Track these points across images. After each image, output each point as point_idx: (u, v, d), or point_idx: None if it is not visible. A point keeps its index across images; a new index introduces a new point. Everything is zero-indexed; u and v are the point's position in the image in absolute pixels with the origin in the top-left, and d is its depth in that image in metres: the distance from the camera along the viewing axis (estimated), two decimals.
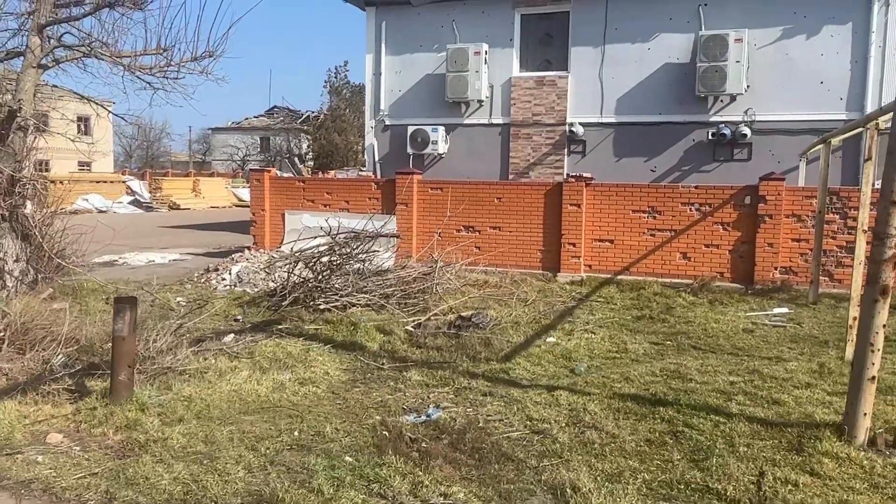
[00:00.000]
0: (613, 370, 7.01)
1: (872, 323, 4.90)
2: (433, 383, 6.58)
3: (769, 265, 12.04)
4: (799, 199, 11.99)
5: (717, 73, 14.86)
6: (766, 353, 7.84)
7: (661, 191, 12.90)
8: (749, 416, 5.51)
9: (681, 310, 10.35)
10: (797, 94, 14.87)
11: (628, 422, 5.47)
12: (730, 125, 15.25)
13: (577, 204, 13.10)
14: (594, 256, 13.20)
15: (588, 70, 16.50)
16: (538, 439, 5.14)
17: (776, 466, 4.57)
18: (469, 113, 17.54)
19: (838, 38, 14.57)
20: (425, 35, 17.75)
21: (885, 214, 4.81)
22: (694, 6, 15.50)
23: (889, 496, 4.23)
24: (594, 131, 16.57)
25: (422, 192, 14.30)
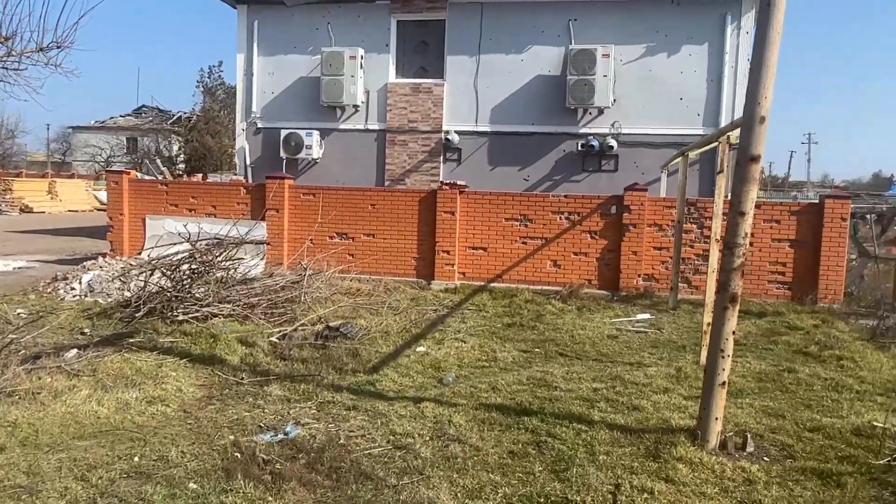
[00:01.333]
0: (482, 379, 6.94)
1: (723, 329, 5.05)
2: (295, 398, 6.27)
3: (633, 272, 12.48)
4: (660, 210, 12.51)
5: (585, 86, 15.33)
6: (629, 359, 8.04)
7: (533, 199, 13.11)
8: (610, 424, 5.56)
9: (550, 317, 10.50)
10: (659, 108, 15.58)
11: (493, 433, 5.39)
12: (598, 137, 15.78)
13: (452, 211, 13.09)
14: (468, 264, 13.22)
15: (463, 79, 16.61)
16: (400, 455, 4.96)
17: (633, 474, 4.61)
18: (345, 118, 17.23)
19: (696, 57, 15.40)
20: (299, 37, 17.30)
21: (734, 225, 4.98)
22: (564, 21, 15.94)
23: (737, 499, 4.34)
24: (469, 139, 16.69)
25: (294, 198, 13.85)
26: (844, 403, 6.32)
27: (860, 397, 6.55)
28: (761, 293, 12.03)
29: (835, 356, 8.13)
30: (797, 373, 7.27)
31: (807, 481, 4.60)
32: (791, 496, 4.38)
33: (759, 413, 5.97)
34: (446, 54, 16.73)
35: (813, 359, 8.17)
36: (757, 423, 5.72)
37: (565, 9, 15.93)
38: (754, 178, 4.95)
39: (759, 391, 6.71)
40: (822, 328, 9.75)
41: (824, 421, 5.73)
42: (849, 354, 8.14)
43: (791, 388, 6.81)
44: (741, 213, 4.94)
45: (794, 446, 5.21)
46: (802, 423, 5.70)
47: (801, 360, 8.06)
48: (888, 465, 4.76)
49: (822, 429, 5.55)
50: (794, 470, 4.78)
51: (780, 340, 9.07)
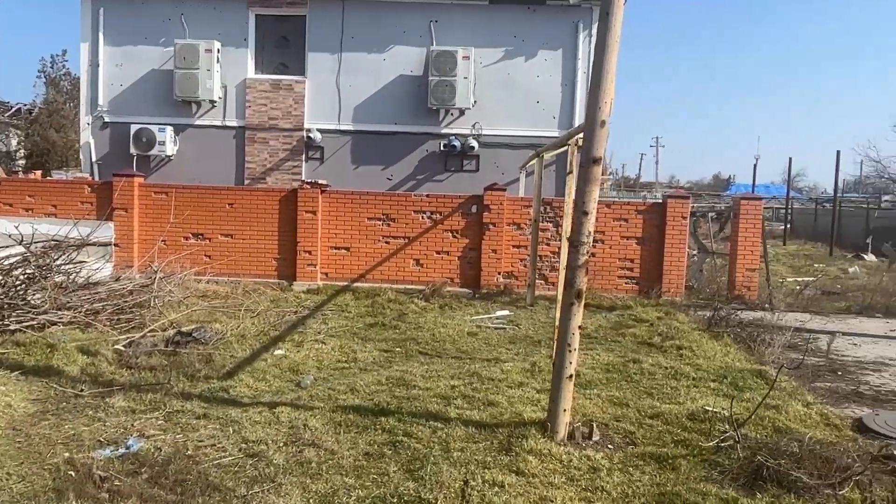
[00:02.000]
0: (341, 381, 6.86)
1: (569, 325, 5.25)
2: (141, 409, 5.93)
3: (493, 270, 12.79)
4: (518, 209, 12.90)
5: (447, 87, 15.53)
6: (487, 356, 8.22)
7: (396, 199, 13.14)
8: (466, 420, 5.65)
9: (413, 316, 10.56)
10: (518, 111, 16.05)
11: (349, 435, 5.34)
12: (460, 137, 16.04)
13: (313, 211, 12.88)
14: (331, 264, 13.06)
15: (325, 76, 16.38)
16: (252, 463, 4.80)
17: (486, 469, 4.70)
18: (201, 113, 16.53)
19: (551, 62, 15.99)
20: (150, 27, 16.40)
21: (578, 224, 5.20)
22: (426, 21, 16.08)
23: (582, 487, 4.53)
24: (332, 138, 16.48)
25: (144, 197, 13.13)
26: (682, 390, 6.76)
27: (696, 384, 7.03)
28: (612, 288, 12.68)
29: (675, 346, 8.69)
30: (641, 363, 7.70)
31: (646, 466, 4.88)
32: (631, 481, 4.62)
33: (605, 403, 6.27)
34: (307, 51, 16.42)
35: (656, 349, 8.69)
36: (603, 412, 6.00)
37: (426, 10, 16.07)
38: (596, 179, 5.18)
39: (607, 382, 7.05)
40: (665, 320, 10.39)
41: (663, 407, 6.11)
42: (687, 344, 8.72)
43: (635, 378, 7.20)
44: (585, 213, 5.16)
45: (636, 433, 5.51)
46: (644, 411, 6.04)
47: (645, 351, 8.55)
48: (717, 447, 5.13)
49: (662, 415, 5.91)
50: (635, 456, 5.05)
51: (627, 333, 9.59)
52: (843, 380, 7.72)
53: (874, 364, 8.54)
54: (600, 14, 5.05)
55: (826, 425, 5.91)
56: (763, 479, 4.55)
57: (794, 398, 6.51)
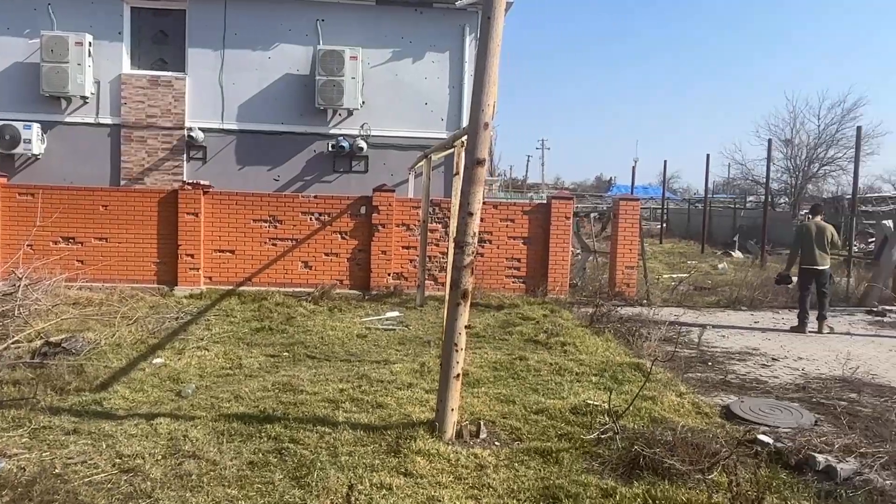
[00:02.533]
0: (224, 389, 6.64)
1: (455, 324, 5.31)
2: (2, 427, 5.51)
3: (383, 271, 12.76)
4: (407, 210, 12.92)
5: (334, 87, 15.36)
6: (377, 357, 8.19)
7: (282, 200, 12.87)
8: (354, 423, 5.60)
9: (301, 319, 10.37)
10: (406, 112, 16.08)
11: (233, 445, 5.17)
12: (348, 138, 15.90)
13: (195, 213, 12.41)
14: (215, 268, 12.63)
15: (207, 74, 15.82)
16: (127, 479, 4.56)
17: (374, 472, 4.67)
18: (71, 110, 15.58)
19: (438, 64, 16.13)
20: (14, 16, 15.31)
21: (463, 224, 5.26)
22: (312, 20, 15.84)
23: (469, 485, 4.58)
24: (216, 137, 15.94)
25: (7, 198, 12.25)
26: (566, 385, 6.97)
27: (579, 379, 7.27)
28: (500, 287, 12.93)
29: (560, 342, 8.96)
30: (528, 360, 7.89)
31: (531, 461, 5.00)
32: (516, 476, 4.72)
33: (493, 400, 6.38)
34: (188, 46, 15.81)
35: (542, 346, 8.92)
36: (490, 410, 6.10)
37: (313, 8, 15.83)
38: (481, 181, 5.26)
39: (495, 380, 7.18)
40: (550, 318, 10.70)
41: (548, 403, 6.28)
42: (571, 340, 9.02)
43: (522, 375, 7.37)
44: (470, 214, 5.23)
45: (522, 429, 5.64)
46: (530, 407, 6.19)
47: (531, 348, 8.77)
48: (598, 439, 5.32)
49: (546, 410, 6.07)
50: (521, 451, 5.16)
51: (514, 331, 9.80)
52: (712, 370, 8.21)
53: (740, 354, 9.13)
54: (482, 19, 5.13)
55: (697, 413, 6.26)
56: (640, 467, 4.76)
57: (668, 389, 6.85)
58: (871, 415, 6.47)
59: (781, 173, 36.10)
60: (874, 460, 4.99)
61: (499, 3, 5.08)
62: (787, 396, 7.08)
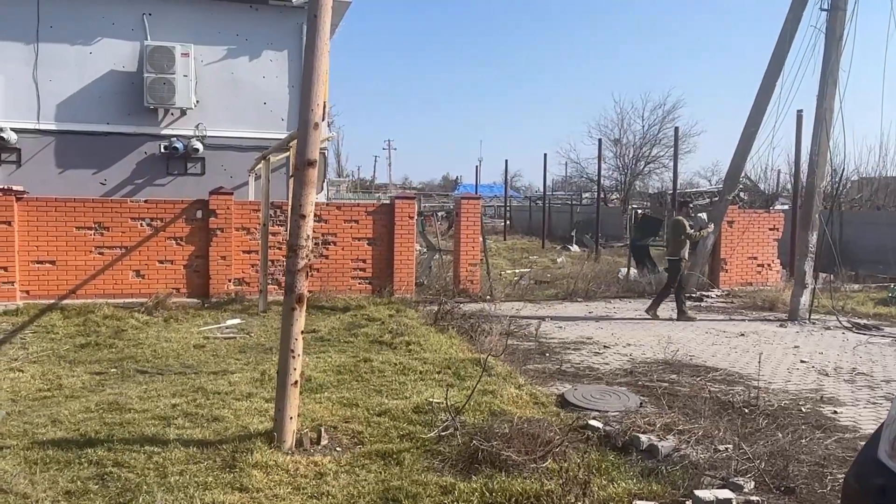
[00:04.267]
0: (41, 412, 6.09)
1: (291, 330, 5.16)
2: None
3: (223, 277, 12.26)
4: (247, 213, 12.50)
5: (165, 85, 14.56)
6: (214, 368, 7.84)
7: (109, 205, 12.04)
8: (186, 440, 5.30)
9: (132, 331, 9.75)
10: (244, 112, 15.53)
11: (48, 474, 4.73)
12: (182, 139, 15.13)
13: (8, 221, 11.33)
14: (33, 281, 11.60)
15: (19, 69, 14.48)
16: None
17: (207, 490, 4.44)
18: None
19: (277, 62, 15.72)
20: None
21: (296, 227, 5.13)
22: (138, 14, 14.92)
23: (308, 495, 4.46)
24: (31, 139, 14.62)
25: None
26: (409, 384, 6.99)
27: (423, 377, 7.32)
28: (346, 289, 12.81)
29: (405, 342, 9.00)
30: (372, 361, 7.84)
31: (372, 464, 4.95)
32: (357, 481, 4.66)
33: (335, 405, 6.28)
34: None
35: (387, 346, 8.92)
36: (333, 415, 5.99)
37: (138, 2, 14.91)
38: (312, 182, 5.15)
39: (338, 384, 7.07)
40: (396, 317, 10.73)
41: (391, 404, 6.26)
42: (416, 339, 9.08)
43: (366, 377, 7.31)
44: (302, 216, 5.10)
45: (364, 432, 5.58)
46: (373, 409, 6.14)
47: (376, 349, 8.74)
48: (439, 437, 5.37)
49: (389, 411, 6.05)
50: (362, 455, 5.10)
51: (360, 332, 9.73)
52: (549, 360, 8.56)
53: (575, 343, 9.59)
54: (308, 17, 5.03)
55: (535, 404, 6.48)
56: (479, 461, 4.85)
57: (508, 382, 7.06)
58: (689, 393, 7.00)
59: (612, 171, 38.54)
60: (690, 436, 5.39)
61: (325, 2, 4.99)
62: (616, 381, 7.51)
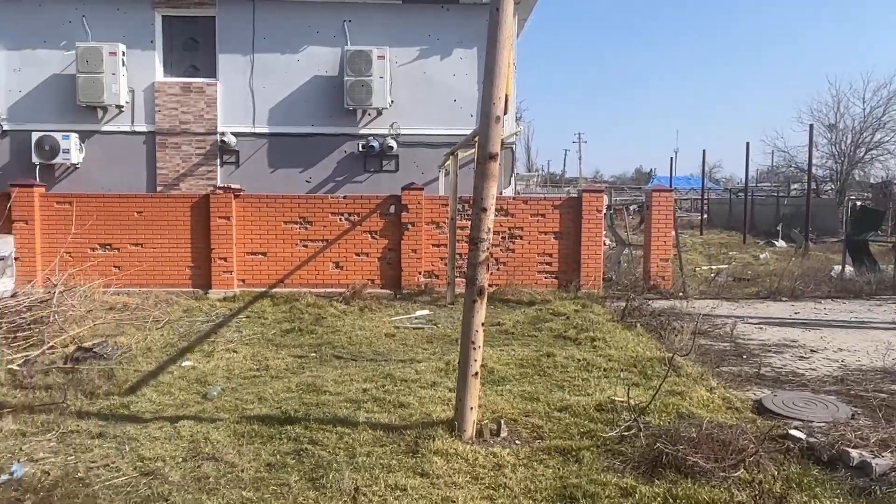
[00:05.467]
0: (249, 390, 6.68)
1: (473, 322, 5.23)
2: (32, 431, 5.62)
3: (414, 270, 12.73)
4: (437, 208, 12.88)
5: (363, 87, 15.38)
6: (403, 356, 8.15)
7: (312, 201, 12.94)
8: (374, 423, 5.57)
9: (331, 319, 10.40)
10: (435, 110, 16.01)
11: (252, 447, 5.18)
12: (378, 138, 15.90)
13: (227, 216, 12.55)
14: (247, 270, 12.76)
15: (238, 78, 15.99)
16: (146, 482, 4.60)
17: (390, 472, 4.63)
18: (107, 119, 15.89)
19: (466, 60, 16.03)
20: (50, 29, 15.67)
21: (477, 220, 5.18)
22: (339, 21, 15.88)
23: (486, 485, 4.50)
24: (247, 141, 16.10)
25: (46, 207, 12.55)
26: (592, 381, 6.83)
27: (606, 374, 7.12)
28: (532, 283, 12.79)
29: (589, 338, 8.80)
30: (555, 356, 7.76)
31: (550, 460, 4.89)
32: (534, 476, 4.62)
33: (516, 398, 6.28)
34: (218, 52, 15.99)
35: (571, 342, 8.78)
36: (513, 408, 6.00)
37: (339, 9, 15.88)
38: (494, 175, 5.17)
39: (520, 377, 7.07)
40: (581, 313, 10.53)
41: (572, 400, 6.15)
42: (601, 335, 8.85)
43: (548, 372, 7.25)
44: (483, 209, 5.15)
45: (544, 427, 5.53)
46: (554, 404, 6.07)
47: (560, 344, 8.63)
48: (621, 436, 5.19)
49: (570, 407, 5.95)
50: (541, 450, 5.06)
51: (544, 327, 9.66)
52: (747, 363, 7.97)
53: (777, 346, 8.85)
54: (490, 10, 5.04)
55: (728, 409, 6.07)
56: (662, 465, 4.62)
57: (698, 383, 6.66)
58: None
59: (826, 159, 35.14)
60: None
61: None
62: (823, 389, 6.84)
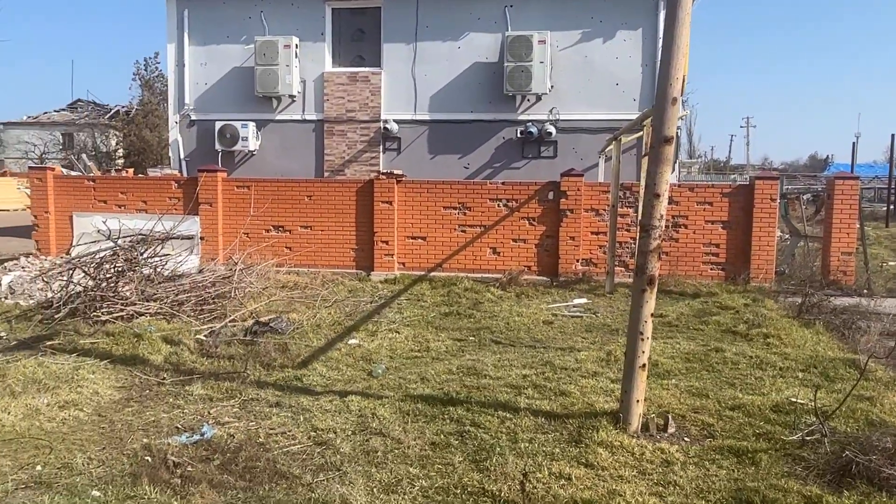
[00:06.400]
0: (412, 370, 6.86)
1: (641, 312, 5.05)
2: (218, 396, 6.09)
3: (572, 257, 12.54)
4: (596, 194, 12.58)
5: (523, 72, 15.30)
6: (562, 344, 8.05)
7: (471, 187, 13.06)
8: (535, 410, 5.53)
9: (488, 304, 10.47)
10: (596, 94, 15.65)
11: (417, 425, 5.31)
12: (537, 123, 15.78)
13: (389, 201, 12.95)
14: (407, 254, 13.12)
15: (401, 67, 16.43)
16: (319, 451, 4.84)
17: (554, 460, 4.58)
18: (281, 108, 16.90)
19: (630, 42, 15.50)
20: (232, 26, 16.88)
21: (649, 207, 4.98)
22: (500, 7, 15.88)
23: (654, 481, 4.34)
24: (409, 128, 16.53)
25: (227, 191, 13.53)
26: (767, 381, 6.41)
27: (782, 374, 6.66)
28: (696, 274, 12.21)
29: (762, 334, 8.26)
30: (724, 352, 7.35)
31: (723, 460, 4.64)
32: (706, 475, 4.40)
33: (683, 393, 6.02)
34: (383, 42, 16.52)
35: (741, 337, 8.29)
36: (680, 403, 5.75)
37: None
38: (668, 160, 4.95)
39: (686, 372, 6.77)
40: (751, 307, 9.91)
41: (745, 399, 5.80)
42: (775, 332, 8.28)
43: (717, 368, 6.88)
44: (656, 195, 4.94)
45: (715, 425, 5.25)
46: (724, 402, 5.76)
47: (729, 340, 8.17)
48: (802, 441, 4.82)
49: (743, 407, 5.61)
50: (712, 449, 4.81)
51: (710, 320, 9.19)
52: None
53: None
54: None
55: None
56: (851, 475, 4.24)
57: (891, 389, 6.06)
58: None
59: None
60: None
61: None
62: None
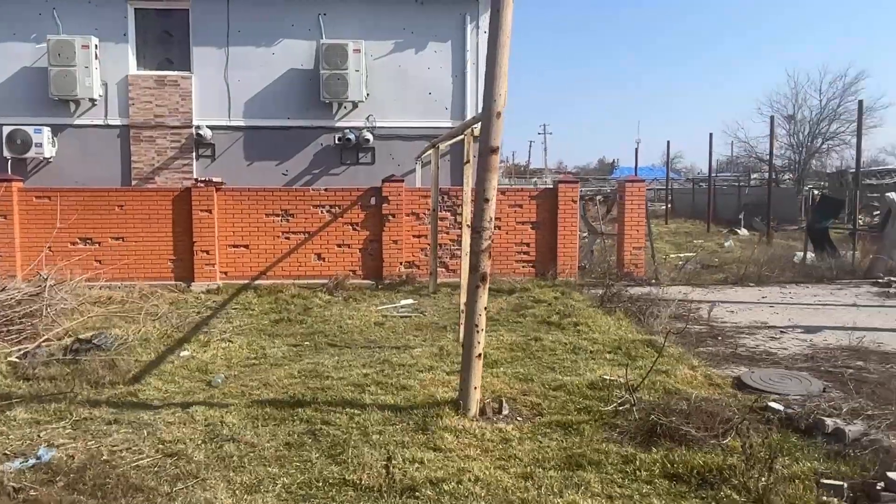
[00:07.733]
0: (252, 377, 6.90)
1: (476, 306, 5.54)
2: (45, 419, 5.77)
3: (395, 261, 12.99)
4: (417, 199, 13.14)
5: (339, 80, 15.54)
6: (395, 343, 8.43)
7: (293, 194, 13.10)
8: (381, 405, 5.85)
9: (318, 309, 10.62)
10: (411, 103, 16.25)
11: (267, 428, 5.42)
12: (354, 130, 16.09)
13: (209, 210, 12.65)
14: (230, 263, 12.89)
15: (213, 71, 16.01)
16: (172, 462, 4.82)
17: (405, 448, 4.92)
18: (80, 112, 15.79)
19: (441, 54, 16.28)
20: (19, 22, 15.50)
21: (480, 210, 5.48)
22: (314, 15, 16.00)
23: (497, 457, 4.82)
24: (223, 135, 16.15)
25: (25, 202, 12.50)
26: (581, 363, 7.22)
27: (594, 356, 7.51)
28: (510, 272, 13.15)
29: (573, 323, 9.19)
30: (542, 340, 8.13)
31: (552, 433, 5.24)
32: (540, 447, 4.97)
33: (512, 379, 6.62)
34: (192, 45, 15.99)
35: (555, 327, 9.15)
36: (511, 388, 6.34)
37: (314, 3, 15.97)
38: (495, 168, 5.47)
39: (512, 360, 7.42)
40: (561, 299, 10.92)
41: (565, 379, 6.52)
42: (584, 320, 9.25)
43: (538, 355, 7.61)
44: (486, 200, 5.44)
45: (542, 404, 5.88)
46: (548, 384, 6.43)
47: (545, 329, 9.00)
48: (616, 411, 5.56)
49: (564, 386, 6.31)
50: (542, 425, 5.41)
51: (527, 313, 10.03)
52: (722, 344, 8.43)
53: (749, 328, 9.35)
54: (491, 12, 5.33)
55: (710, 385, 6.49)
56: (657, 435, 5.00)
57: (681, 363, 7.09)
58: (878, 380, 6.69)
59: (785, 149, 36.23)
60: (880, 421, 5.21)
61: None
62: (795, 366, 7.31)
